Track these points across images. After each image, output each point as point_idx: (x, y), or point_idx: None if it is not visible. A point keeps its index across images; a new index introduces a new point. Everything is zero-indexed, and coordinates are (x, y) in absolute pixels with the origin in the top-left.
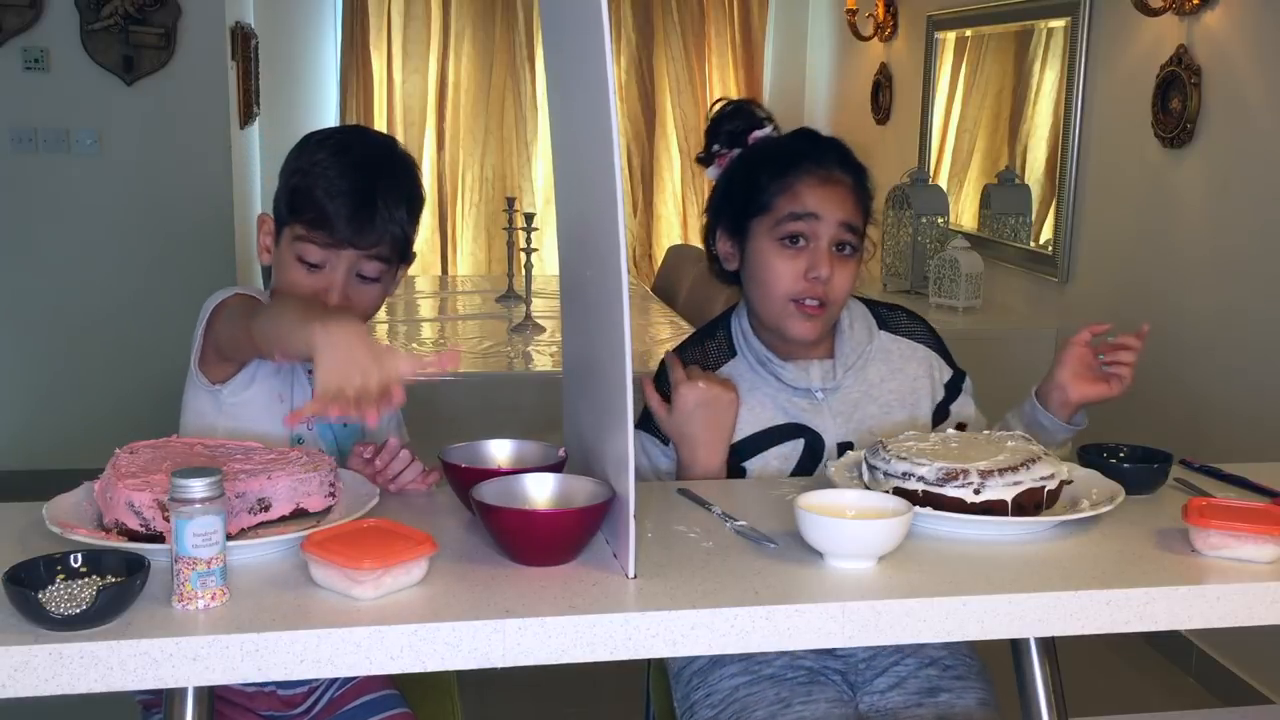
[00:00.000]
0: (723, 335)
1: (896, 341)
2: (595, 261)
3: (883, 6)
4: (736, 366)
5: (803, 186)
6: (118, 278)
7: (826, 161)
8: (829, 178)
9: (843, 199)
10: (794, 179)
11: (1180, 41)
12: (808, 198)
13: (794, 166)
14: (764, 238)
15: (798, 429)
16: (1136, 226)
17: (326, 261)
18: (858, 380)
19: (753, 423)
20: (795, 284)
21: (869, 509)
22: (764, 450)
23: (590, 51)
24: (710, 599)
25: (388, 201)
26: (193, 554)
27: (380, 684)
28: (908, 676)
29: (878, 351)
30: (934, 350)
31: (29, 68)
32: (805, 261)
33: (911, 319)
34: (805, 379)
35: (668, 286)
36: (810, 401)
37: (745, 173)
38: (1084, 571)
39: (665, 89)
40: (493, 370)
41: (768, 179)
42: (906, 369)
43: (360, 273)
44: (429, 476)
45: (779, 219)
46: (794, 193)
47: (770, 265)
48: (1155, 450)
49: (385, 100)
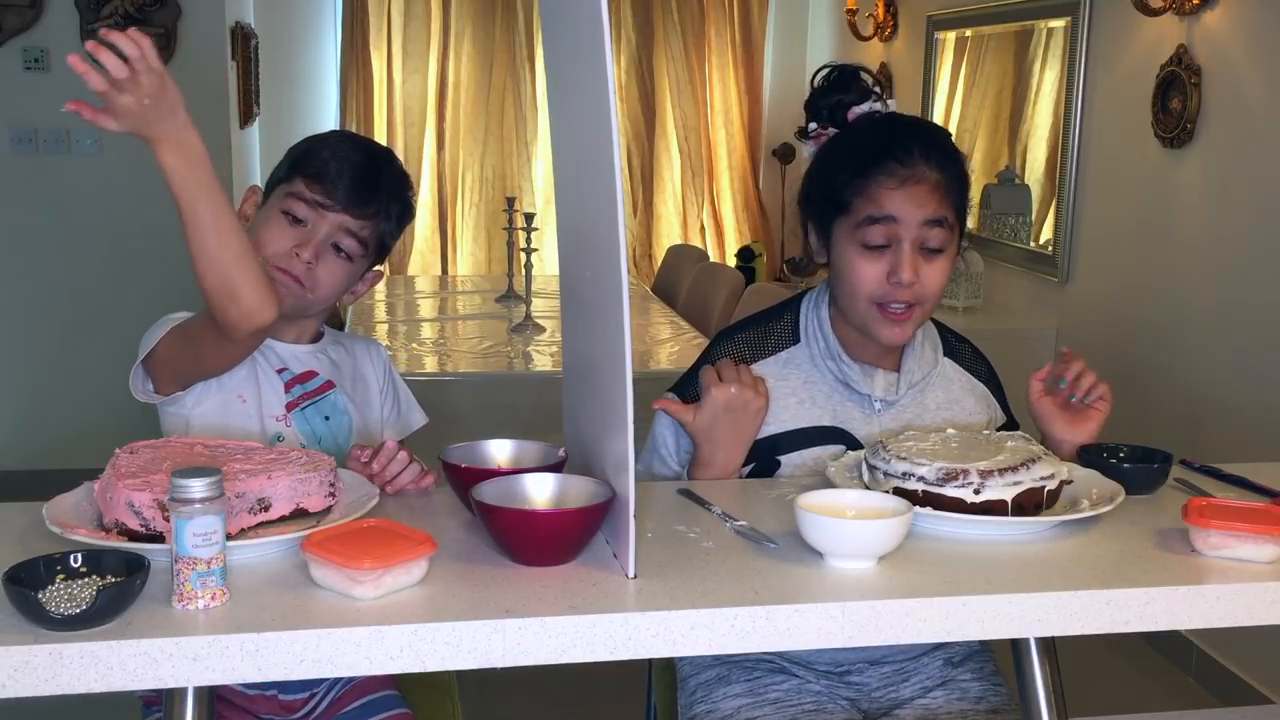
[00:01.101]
0: (789, 319)
1: (959, 373)
2: (595, 261)
3: (883, 6)
4: (796, 355)
5: (879, 188)
6: (117, 278)
7: (908, 156)
8: (910, 175)
9: (926, 196)
10: (870, 179)
11: (1180, 41)
12: (885, 200)
13: (871, 164)
14: (844, 239)
15: (841, 434)
16: (1136, 226)
17: (310, 220)
18: (914, 401)
19: (799, 417)
20: (878, 287)
21: (869, 509)
22: (803, 448)
23: (590, 51)
24: (710, 599)
25: (389, 190)
26: (192, 554)
27: (381, 684)
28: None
29: (939, 378)
30: (994, 394)
31: (29, 68)
32: (887, 264)
33: (976, 356)
34: (869, 385)
35: (668, 286)
36: (863, 410)
37: (823, 166)
38: (1084, 571)
39: (665, 89)
40: (493, 370)
41: (845, 177)
42: (964, 402)
43: (337, 243)
44: (426, 478)
45: (857, 222)
46: (870, 195)
47: (851, 267)
48: (1155, 450)
49: (385, 100)
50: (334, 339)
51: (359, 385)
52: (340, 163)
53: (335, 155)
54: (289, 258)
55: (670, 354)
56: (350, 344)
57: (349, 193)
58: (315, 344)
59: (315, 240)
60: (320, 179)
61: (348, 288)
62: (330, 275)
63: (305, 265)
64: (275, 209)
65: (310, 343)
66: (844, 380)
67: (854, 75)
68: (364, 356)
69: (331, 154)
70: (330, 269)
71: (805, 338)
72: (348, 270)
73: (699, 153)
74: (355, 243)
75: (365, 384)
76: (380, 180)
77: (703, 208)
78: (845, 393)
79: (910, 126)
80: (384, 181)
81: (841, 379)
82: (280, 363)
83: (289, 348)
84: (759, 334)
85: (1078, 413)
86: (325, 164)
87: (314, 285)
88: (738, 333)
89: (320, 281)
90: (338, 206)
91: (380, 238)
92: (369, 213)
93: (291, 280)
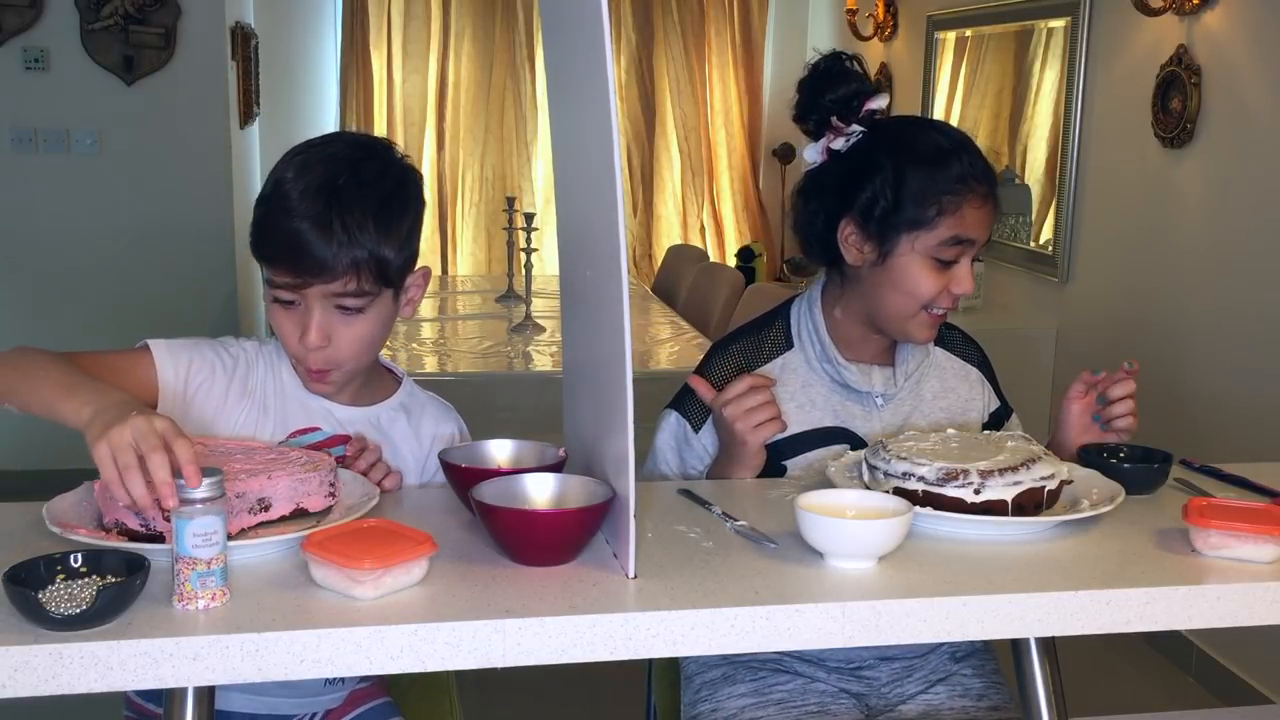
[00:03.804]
0: (780, 326)
1: (951, 360)
2: (595, 261)
3: (883, 6)
4: (792, 359)
5: (969, 209)
6: (117, 278)
7: (984, 175)
8: (987, 197)
9: (991, 217)
10: (962, 202)
11: (1180, 41)
12: (971, 221)
13: (963, 184)
14: (914, 252)
15: (844, 433)
16: (1136, 226)
17: (297, 299)
18: (912, 393)
19: (801, 420)
20: (937, 297)
21: (869, 509)
22: (807, 451)
23: (590, 51)
24: (710, 599)
25: (348, 223)
26: (193, 554)
27: (374, 694)
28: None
29: (933, 367)
30: (986, 378)
31: (29, 68)
32: (949, 277)
33: (966, 341)
34: (867, 383)
35: (668, 286)
36: (864, 407)
37: (897, 178)
38: (1084, 571)
39: (665, 89)
40: (493, 370)
41: (936, 196)
42: (959, 389)
43: (341, 305)
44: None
45: (942, 240)
46: (961, 215)
47: (918, 278)
48: (1155, 450)
49: (385, 100)
50: (400, 403)
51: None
52: (288, 233)
53: (283, 224)
54: (303, 353)
55: (670, 354)
56: (420, 406)
57: (309, 265)
58: (375, 406)
59: (314, 321)
60: (278, 262)
61: (383, 330)
62: (351, 336)
63: (318, 351)
64: (269, 295)
65: (370, 404)
66: (842, 382)
67: (845, 66)
68: (426, 420)
69: (281, 224)
70: (348, 331)
71: (799, 342)
72: (367, 319)
73: (699, 153)
74: (354, 297)
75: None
76: (332, 226)
77: (703, 208)
78: (844, 393)
79: (975, 146)
80: (337, 223)
81: (839, 380)
82: (312, 422)
83: (345, 410)
84: (753, 342)
85: (1098, 430)
86: (276, 242)
87: (340, 359)
88: (732, 343)
89: (343, 349)
90: (311, 282)
91: (380, 267)
92: (338, 271)
93: (314, 374)
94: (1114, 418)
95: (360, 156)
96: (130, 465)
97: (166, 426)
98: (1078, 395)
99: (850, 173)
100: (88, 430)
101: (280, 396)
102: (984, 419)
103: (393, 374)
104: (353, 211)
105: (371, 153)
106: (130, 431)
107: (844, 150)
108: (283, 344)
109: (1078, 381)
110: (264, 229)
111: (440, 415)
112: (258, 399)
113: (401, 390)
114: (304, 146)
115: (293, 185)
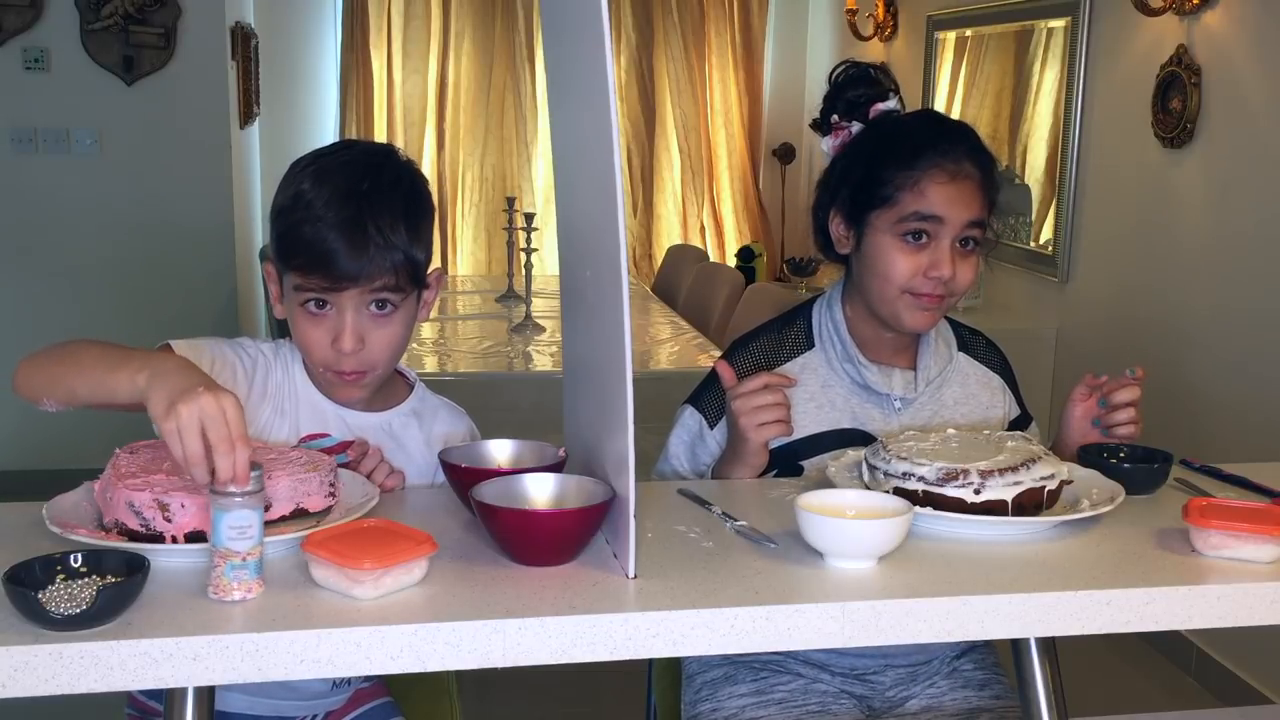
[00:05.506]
0: (801, 325)
1: (974, 366)
2: (595, 261)
3: (883, 6)
4: (812, 359)
5: (930, 184)
6: (117, 278)
7: (956, 154)
8: (957, 173)
9: (970, 197)
10: (920, 175)
11: (1180, 41)
12: (934, 197)
13: (921, 159)
14: (884, 231)
15: (862, 435)
16: (1136, 226)
17: (331, 301)
18: (932, 398)
19: (819, 421)
20: (914, 279)
21: (869, 509)
22: (824, 452)
23: (590, 51)
24: (710, 599)
25: (381, 226)
26: (227, 546)
27: (376, 693)
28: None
29: (955, 372)
30: (1008, 385)
31: (29, 68)
32: (926, 259)
33: (990, 348)
34: (887, 385)
35: (668, 286)
36: (883, 410)
37: (867, 159)
38: (1084, 571)
39: (665, 89)
40: (493, 370)
41: (892, 171)
42: (981, 396)
43: (377, 303)
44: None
45: (902, 216)
46: (920, 190)
47: (889, 259)
48: (1155, 450)
49: (385, 100)
50: (413, 409)
51: (408, 458)
52: (322, 238)
53: (315, 230)
54: (335, 358)
55: (670, 354)
56: (433, 411)
57: (347, 267)
58: (388, 411)
59: (348, 325)
60: (314, 268)
61: (409, 332)
62: (384, 338)
63: (352, 356)
64: (295, 303)
65: (384, 409)
66: (862, 383)
67: (874, 73)
68: (439, 426)
69: (312, 230)
70: (381, 333)
71: (820, 342)
72: (398, 320)
73: (699, 153)
74: (390, 292)
75: (411, 459)
76: (367, 228)
77: (703, 208)
78: (864, 394)
79: (954, 125)
80: (371, 224)
81: (860, 381)
82: (323, 428)
83: (358, 416)
84: (774, 341)
85: (1096, 430)
86: (310, 248)
87: (373, 362)
88: (752, 340)
89: (376, 352)
90: (349, 286)
91: (403, 269)
92: (374, 271)
93: (349, 377)
94: (1115, 424)
95: (377, 162)
96: (196, 452)
97: (235, 417)
98: (1081, 398)
99: (836, 164)
100: (150, 400)
101: (294, 400)
102: (1004, 427)
103: (405, 379)
104: (383, 215)
105: (385, 158)
106: (198, 414)
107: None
108: (308, 352)
109: (1081, 384)
110: (293, 240)
111: (452, 419)
112: (276, 402)
113: (414, 395)
114: (312, 157)
115: (315, 194)
